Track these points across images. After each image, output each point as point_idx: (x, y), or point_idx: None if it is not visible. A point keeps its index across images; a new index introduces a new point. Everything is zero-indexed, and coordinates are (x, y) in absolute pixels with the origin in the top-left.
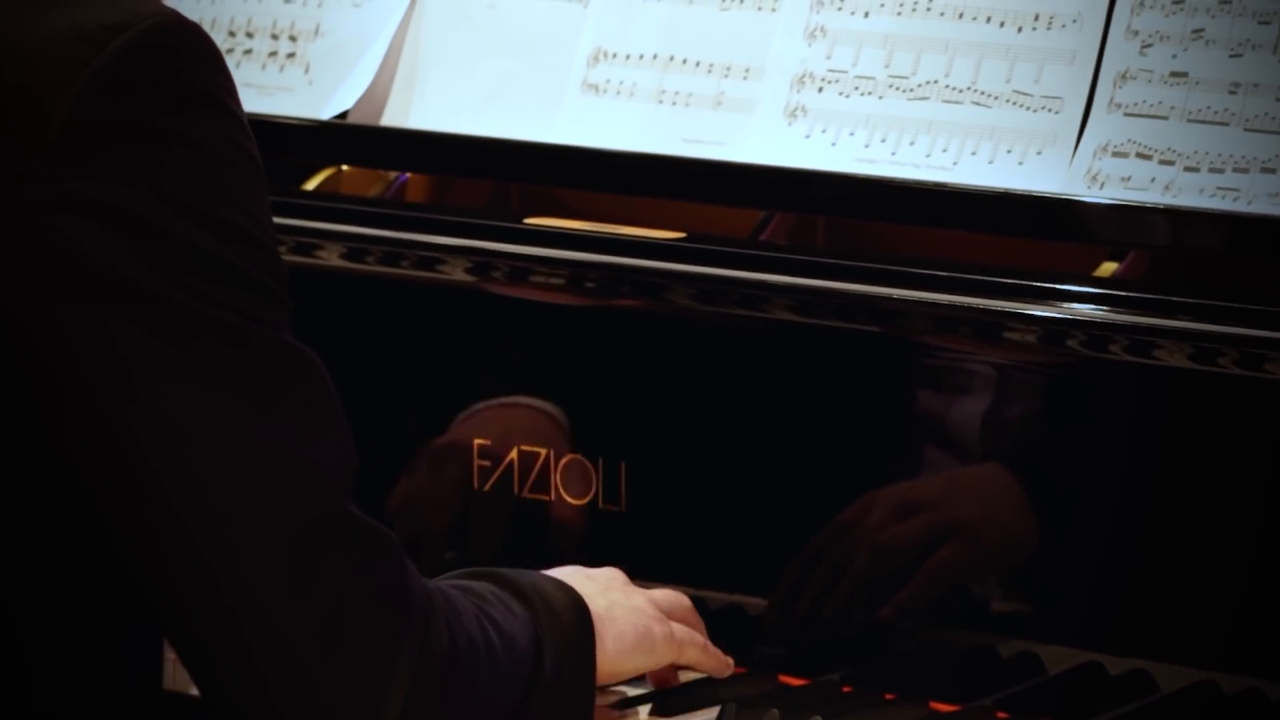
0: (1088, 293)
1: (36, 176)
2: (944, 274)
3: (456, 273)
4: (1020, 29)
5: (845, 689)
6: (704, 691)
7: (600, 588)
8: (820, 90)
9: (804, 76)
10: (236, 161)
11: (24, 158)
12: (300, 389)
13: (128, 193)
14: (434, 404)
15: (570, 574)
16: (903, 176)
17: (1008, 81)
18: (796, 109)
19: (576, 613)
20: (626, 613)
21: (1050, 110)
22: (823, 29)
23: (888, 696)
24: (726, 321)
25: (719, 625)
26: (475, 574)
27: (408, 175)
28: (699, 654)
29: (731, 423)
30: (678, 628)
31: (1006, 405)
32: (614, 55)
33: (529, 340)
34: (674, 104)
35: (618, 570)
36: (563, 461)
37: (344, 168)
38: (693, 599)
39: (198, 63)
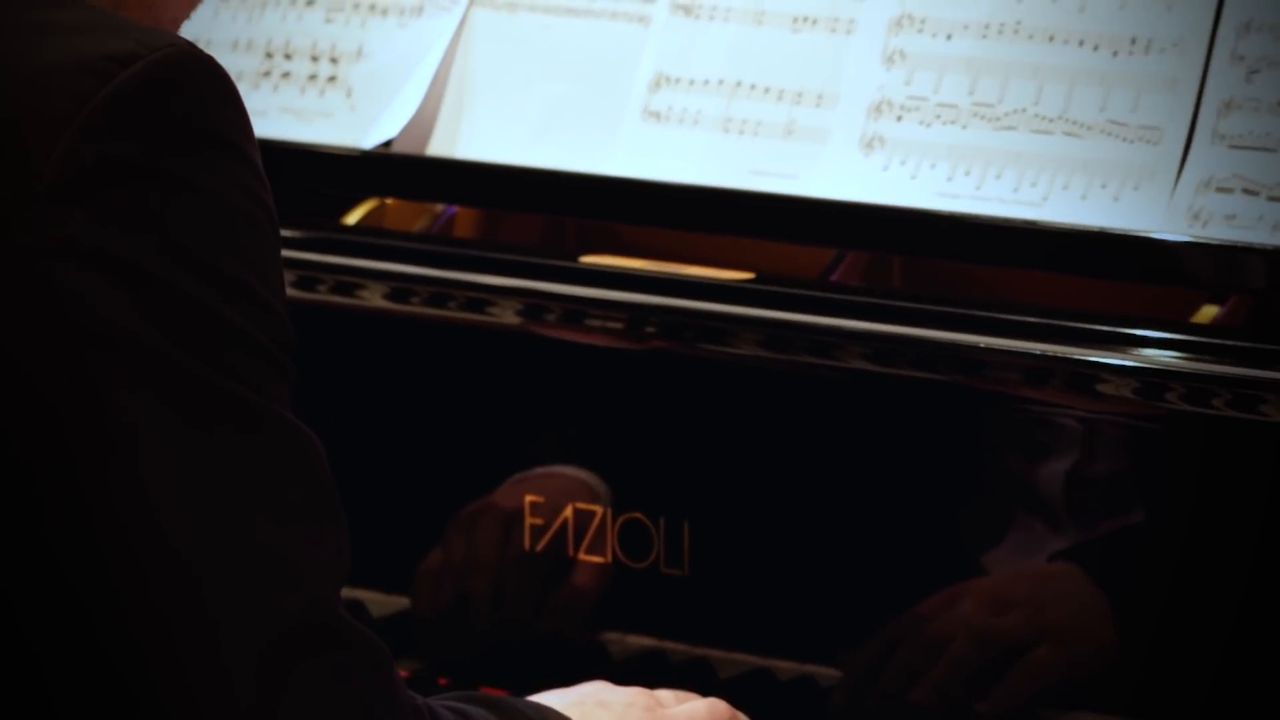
0: (1188, 341)
1: (31, 220)
2: (1032, 320)
3: (507, 315)
4: (1116, 53)
5: None
6: None
7: (614, 719)
8: (899, 119)
9: (882, 104)
10: (249, 212)
11: (18, 199)
12: (302, 475)
13: (131, 241)
14: (482, 456)
15: (583, 700)
16: (988, 213)
17: (1102, 110)
18: (874, 139)
19: None
20: None
21: (1148, 141)
22: (902, 53)
23: None
24: (797, 370)
25: (789, 698)
26: (474, 698)
27: (456, 208)
28: None
29: (803, 479)
30: None
31: (1099, 461)
32: (677, 80)
33: (585, 388)
34: (741, 133)
35: (641, 692)
36: (621, 521)
37: (388, 200)
38: (760, 669)
39: (212, 101)
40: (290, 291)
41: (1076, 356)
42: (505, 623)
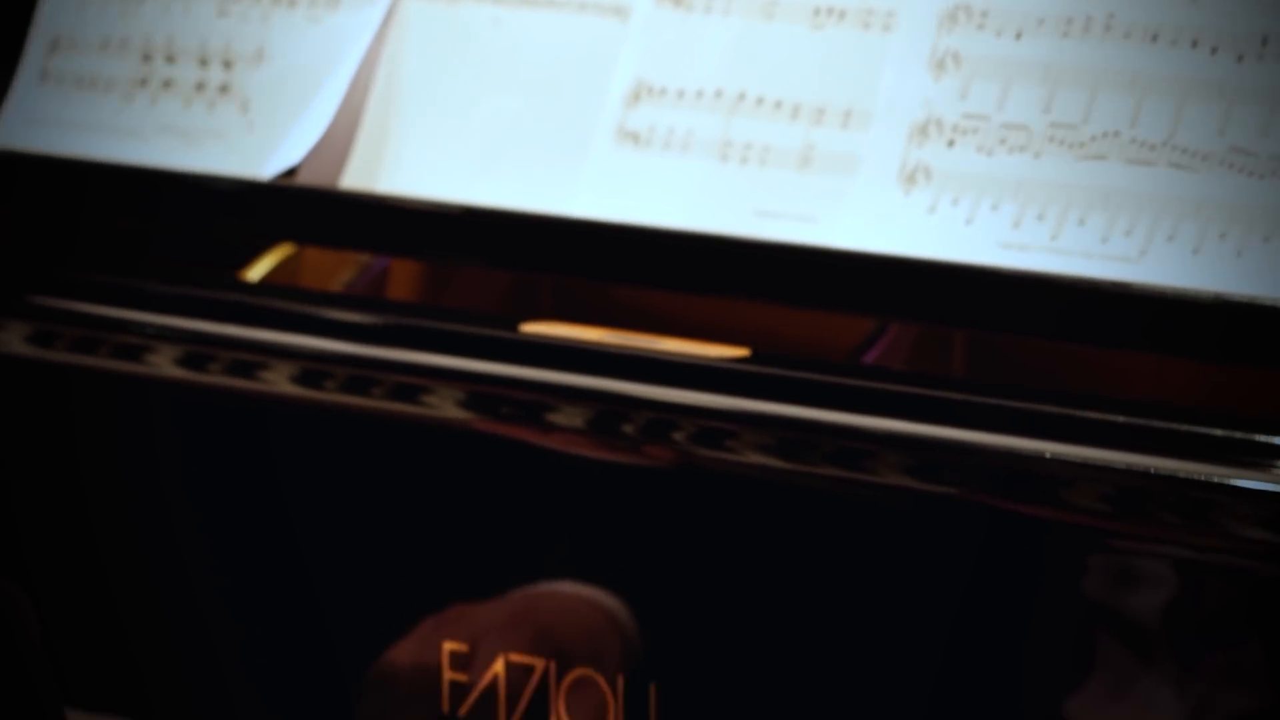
0: None
1: None
2: (1124, 420)
3: (446, 406)
4: (1241, 57)
5: None
6: None
7: None
8: (951, 144)
9: (928, 124)
10: None
11: None
12: None
13: None
14: (397, 587)
15: None
16: (1068, 272)
17: (1222, 134)
18: (917, 171)
19: None
20: None
21: None
22: (955, 56)
23: None
24: (814, 486)
25: None
26: None
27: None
28: None
29: (814, 627)
30: None
31: (1211, 619)
32: (663, 91)
33: (536, 505)
34: (744, 161)
35: None
36: (568, 679)
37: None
38: None
39: None
40: (172, 371)
41: (1186, 475)
42: None
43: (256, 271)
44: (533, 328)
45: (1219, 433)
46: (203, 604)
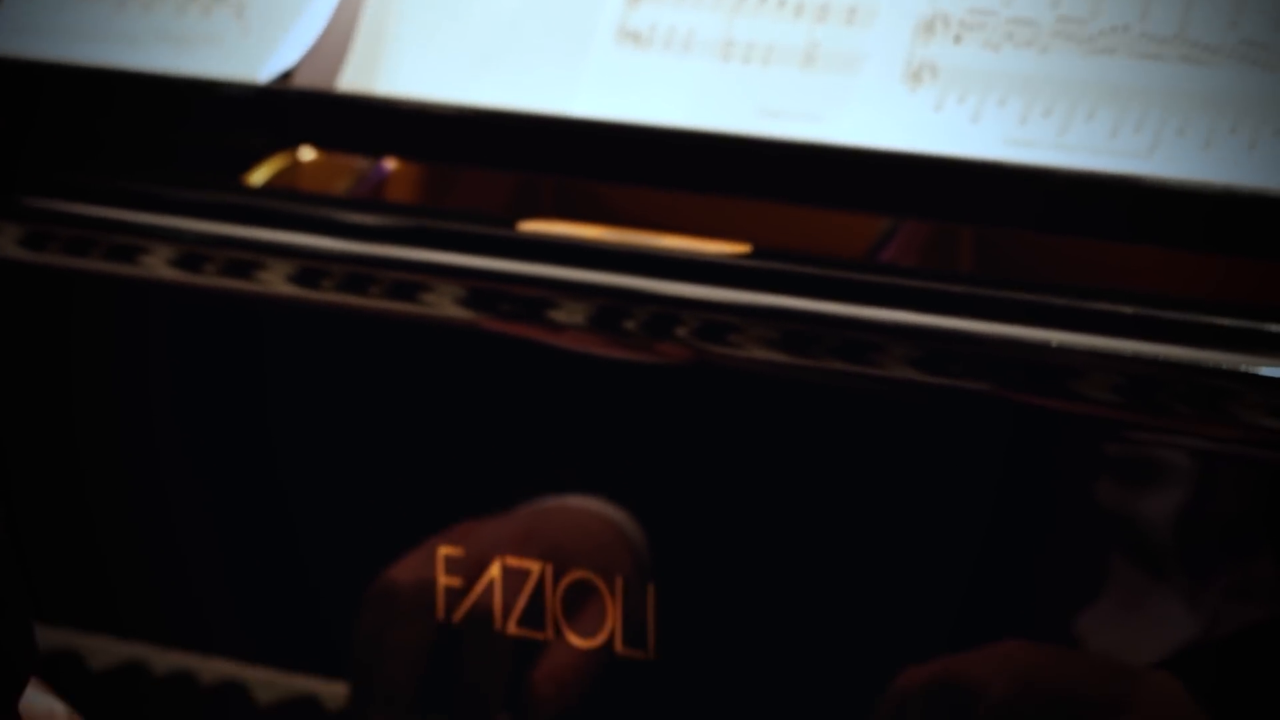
0: None
1: None
2: (1132, 311)
3: (445, 304)
4: None
5: None
6: None
7: None
8: (957, 40)
9: (934, 20)
10: None
11: None
12: None
13: None
14: (394, 490)
15: None
16: (1076, 166)
17: (1233, 27)
18: (922, 68)
19: None
20: None
21: None
22: None
23: None
24: (819, 380)
25: None
26: None
27: (389, 166)
28: None
29: (817, 529)
30: None
31: (1221, 511)
32: None
33: (537, 403)
34: (747, 60)
35: None
36: (565, 582)
37: (303, 155)
38: None
39: None
40: (166, 272)
41: (1196, 362)
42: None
43: (254, 179)
44: (532, 225)
45: (1228, 322)
46: (193, 513)
